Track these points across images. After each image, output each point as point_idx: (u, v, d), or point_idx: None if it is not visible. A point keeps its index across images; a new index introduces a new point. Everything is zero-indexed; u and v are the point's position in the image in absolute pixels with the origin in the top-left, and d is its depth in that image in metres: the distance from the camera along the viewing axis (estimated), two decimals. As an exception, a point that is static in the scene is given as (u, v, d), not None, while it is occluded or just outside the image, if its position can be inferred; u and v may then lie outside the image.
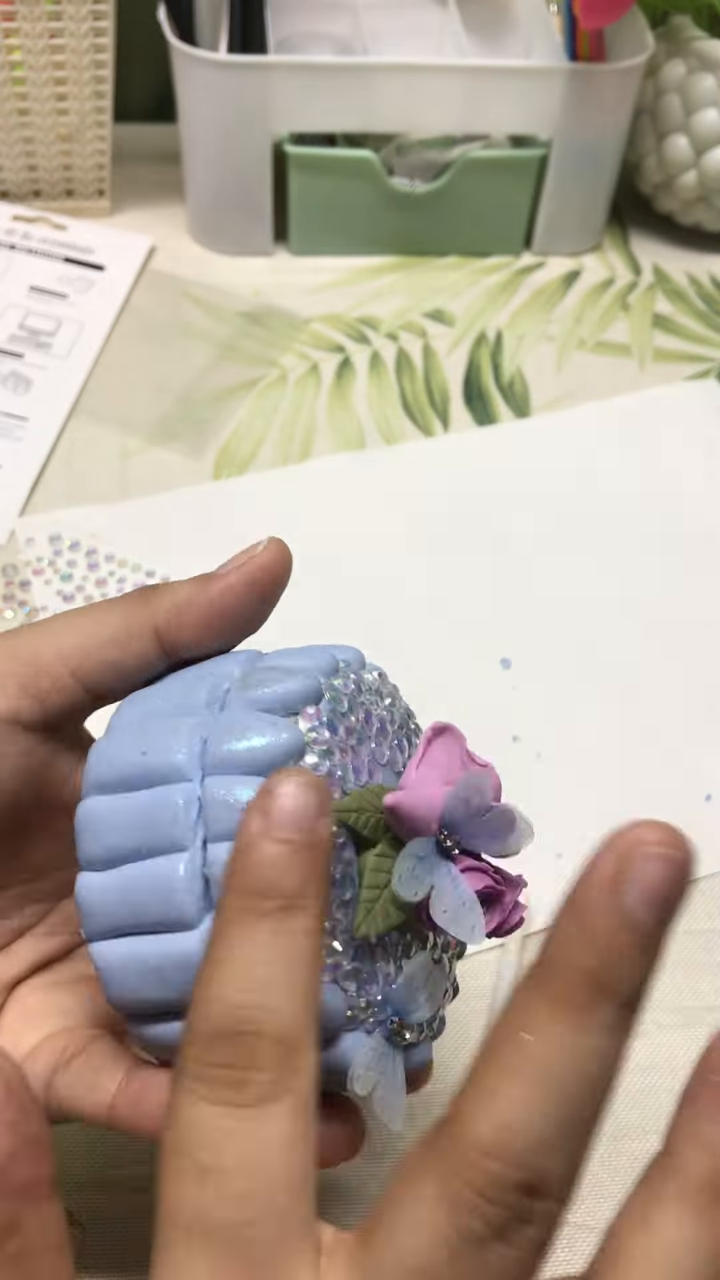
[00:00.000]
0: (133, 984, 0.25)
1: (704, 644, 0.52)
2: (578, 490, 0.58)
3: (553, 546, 0.56)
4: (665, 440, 0.61)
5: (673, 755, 0.48)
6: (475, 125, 0.66)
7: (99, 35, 0.63)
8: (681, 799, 0.47)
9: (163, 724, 0.26)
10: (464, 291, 0.68)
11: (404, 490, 0.58)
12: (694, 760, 0.48)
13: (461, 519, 0.57)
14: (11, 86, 0.64)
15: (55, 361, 0.62)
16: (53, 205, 0.70)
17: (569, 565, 0.55)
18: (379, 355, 0.64)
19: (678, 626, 0.53)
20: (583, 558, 0.55)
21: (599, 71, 0.63)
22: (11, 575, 0.52)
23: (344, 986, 0.26)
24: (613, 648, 0.52)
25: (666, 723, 0.50)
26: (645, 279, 0.70)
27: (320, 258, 0.69)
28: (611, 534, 0.57)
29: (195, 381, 0.62)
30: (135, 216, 0.71)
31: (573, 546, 0.56)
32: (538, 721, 0.49)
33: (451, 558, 0.55)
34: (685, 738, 0.49)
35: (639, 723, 0.49)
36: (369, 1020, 0.26)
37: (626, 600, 0.54)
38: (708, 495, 0.59)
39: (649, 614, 0.53)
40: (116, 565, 0.53)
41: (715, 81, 0.65)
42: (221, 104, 0.62)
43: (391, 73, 0.62)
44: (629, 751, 0.49)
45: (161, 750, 0.25)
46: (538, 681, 0.50)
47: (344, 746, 0.27)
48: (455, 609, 0.53)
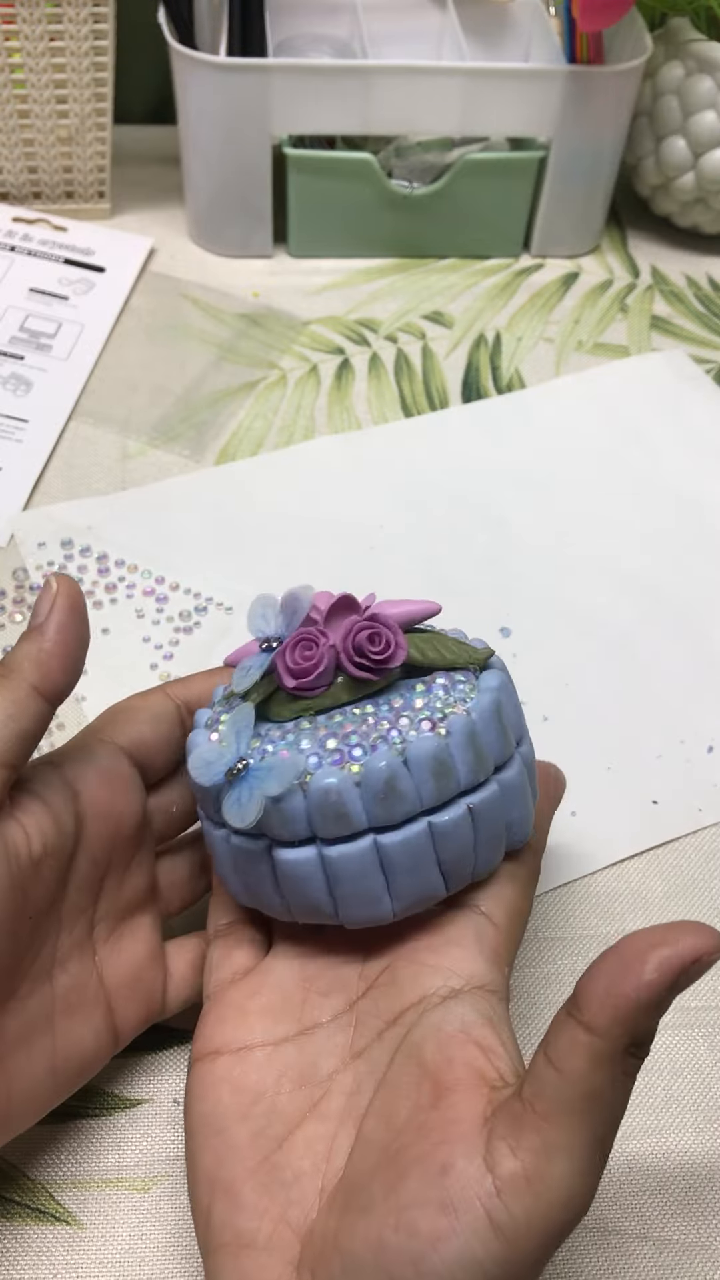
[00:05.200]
0: None
1: (694, 600, 0.54)
2: (562, 459, 0.60)
3: (542, 515, 0.57)
4: (639, 408, 0.63)
5: (672, 708, 0.50)
6: (474, 128, 0.66)
7: (99, 37, 0.63)
8: (684, 750, 0.49)
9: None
10: (463, 293, 0.69)
11: (395, 466, 0.59)
12: (692, 713, 0.50)
13: (453, 492, 0.58)
14: (11, 88, 0.65)
15: (55, 363, 0.62)
16: (53, 207, 0.70)
17: (559, 533, 0.57)
18: (378, 357, 0.65)
19: (667, 585, 0.55)
20: (571, 525, 0.57)
21: (598, 74, 0.63)
22: (22, 579, 0.52)
23: None
24: (608, 610, 0.54)
25: (663, 677, 0.51)
26: (643, 281, 0.71)
27: (319, 260, 0.70)
28: (596, 499, 0.59)
29: (195, 383, 0.62)
30: (135, 218, 0.71)
31: (561, 514, 0.58)
32: (541, 686, 0.50)
33: (446, 531, 0.56)
34: (682, 691, 0.51)
35: (638, 680, 0.51)
36: None
37: (617, 563, 0.56)
38: (681, 458, 0.61)
39: (639, 574, 0.55)
40: (127, 570, 0.53)
41: (714, 84, 0.65)
42: (221, 106, 0.62)
43: (391, 75, 0.62)
44: (630, 708, 0.50)
45: None
46: (538, 648, 0.52)
47: None
48: (454, 582, 0.54)
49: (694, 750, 0.49)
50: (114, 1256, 0.35)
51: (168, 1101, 0.38)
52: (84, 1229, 0.36)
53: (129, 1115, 0.38)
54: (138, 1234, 0.36)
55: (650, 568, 0.55)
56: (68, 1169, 0.37)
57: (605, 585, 0.55)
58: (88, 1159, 0.37)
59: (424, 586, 0.54)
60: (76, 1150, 0.37)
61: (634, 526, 0.57)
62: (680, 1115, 0.39)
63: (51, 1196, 0.36)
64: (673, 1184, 0.38)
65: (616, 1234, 0.37)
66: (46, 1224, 0.36)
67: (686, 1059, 0.41)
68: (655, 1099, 0.39)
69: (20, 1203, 0.36)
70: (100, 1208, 0.36)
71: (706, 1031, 0.41)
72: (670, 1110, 0.39)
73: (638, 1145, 0.38)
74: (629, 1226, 0.37)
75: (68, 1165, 0.37)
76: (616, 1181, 0.38)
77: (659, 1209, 0.37)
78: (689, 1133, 0.39)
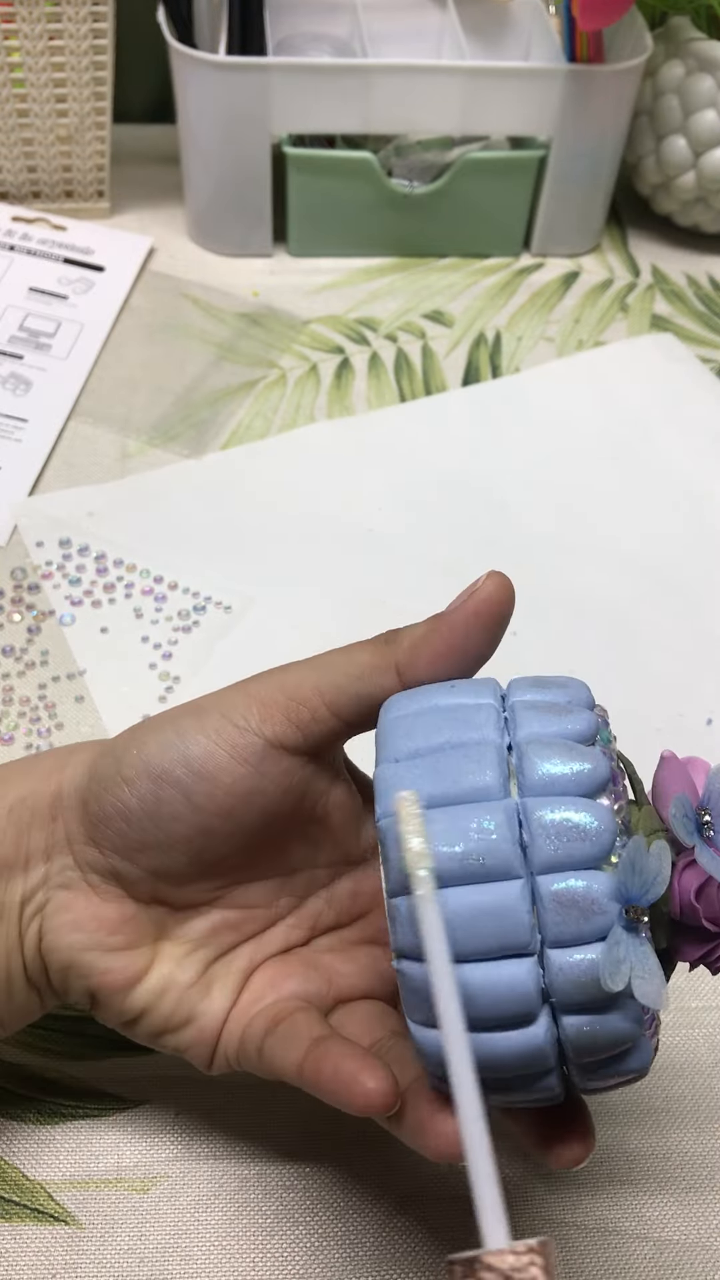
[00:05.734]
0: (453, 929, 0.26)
1: (691, 577, 0.55)
2: (558, 440, 0.61)
3: (539, 495, 0.58)
4: (630, 388, 0.64)
5: (670, 682, 0.51)
6: (474, 126, 0.66)
7: (98, 36, 0.63)
8: (683, 723, 0.49)
9: (461, 759, 0.28)
10: (463, 292, 0.69)
11: (393, 450, 0.60)
12: (691, 686, 0.51)
13: (450, 474, 0.59)
14: (11, 88, 0.64)
15: (55, 363, 0.62)
16: (52, 206, 0.70)
17: (557, 512, 0.58)
18: (378, 356, 0.64)
19: (664, 562, 0.56)
20: (568, 504, 0.58)
21: (598, 73, 0.63)
22: (20, 579, 0.52)
23: None
24: (606, 587, 0.55)
25: (661, 652, 0.52)
26: (644, 280, 0.70)
27: (319, 259, 0.70)
28: (591, 479, 0.59)
29: (195, 383, 0.62)
30: (135, 217, 0.71)
31: (557, 494, 0.59)
32: (541, 664, 0.50)
33: (444, 513, 0.57)
34: (680, 665, 0.52)
35: (636, 655, 0.52)
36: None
37: (614, 542, 0.57)
38: (674, 437, 0.62)
39: (634, 551, 0.56)
40: (125, 570, 0.53)
41: (714, 83, 0.65)
42: (221, 105, 0.62)
43: (390, 74, 0.62)
44: (630, 682, 0.51)
45: (470, 775, 0.27)
46: (538, 626, 0.52)
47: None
48: (452, 562, 0.55)
49: (693, 722, 0.49)
50: (113, 1257, 0.35)
51: (168, 1102, 0.38)
52: (83, 1229, 0.36)
53: (129, 1115, 0.38)
54: (137, 1234, 0.36)
55: (647, 545, 0.56)
56: (67, 1169, 0.37)
57: (603, 563, 0.55)
58: (87, 1159, 0.37)
59: (422, 568, 0.54)
60: (76, 1150, 0.37)
61: (630, 505, 0.58)
62: (680, 1115, 0.39)
63: (51, 1197, 0.36)
64: (673, 1184, 0.38)
65: (616, 1234, 0.37)
66: (46, 1224, 0.36)
67: (686, 1059, 0.40)
68: (655, 1099, 0.39)
69: (20, 1203, 0.36)
70: (99, 1208, 0.36)
71: (707, 1031, 0.41)
72: (670, 1110, 0.39)
73: (638, 1145, 0.38)
74: (629, 1226, 0.37)
75: (67, 1165, 0.37)
76: (616, 1181, 0.38)
77: (659, 1209, 0.37)
78: (689, 1133, 0.39)
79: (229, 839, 0.32)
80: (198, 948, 0.33)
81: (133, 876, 0.32)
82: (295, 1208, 0.37)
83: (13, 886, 0.32)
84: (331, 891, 0.35)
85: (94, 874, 0.32)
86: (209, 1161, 0.37)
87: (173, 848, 0.31)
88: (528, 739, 0.28)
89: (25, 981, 0.33)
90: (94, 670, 0.49)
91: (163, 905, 0.33)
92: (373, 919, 0.35)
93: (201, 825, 0.31)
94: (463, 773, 0.27)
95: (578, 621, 0.53)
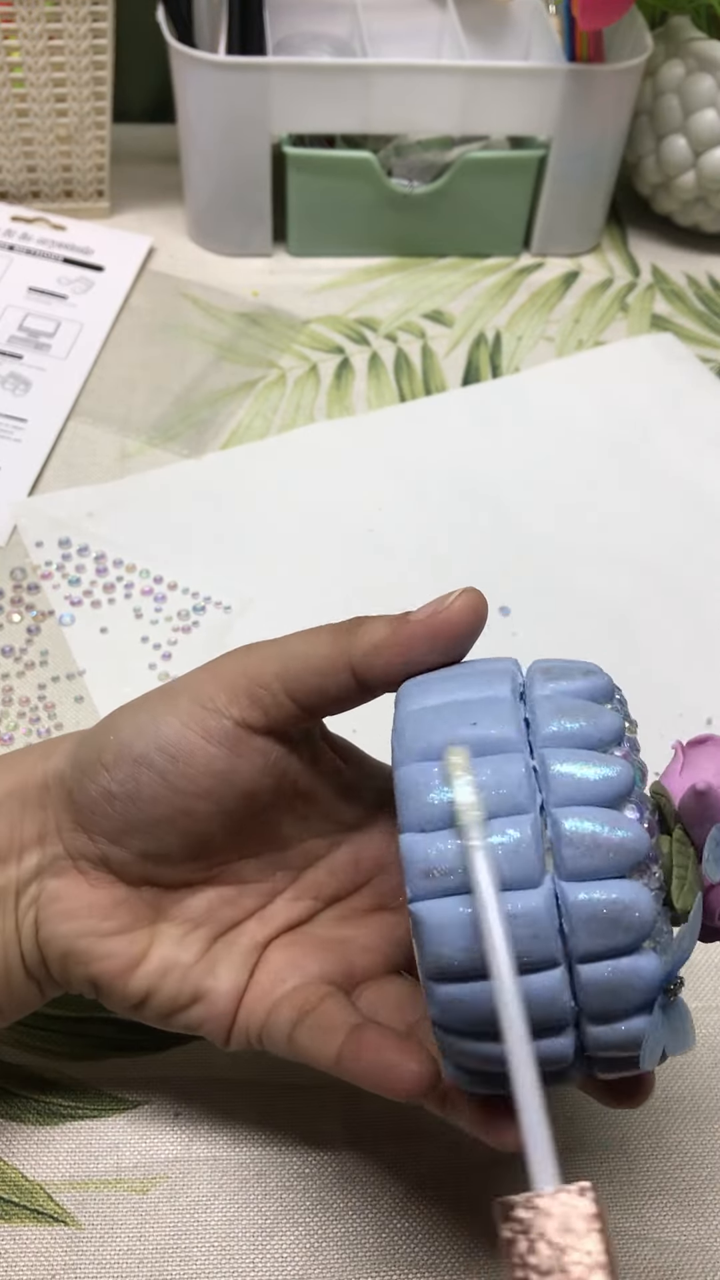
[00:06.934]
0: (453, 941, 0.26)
1: (690, 576, 0.55)
2: (557, 440, 0.61)
3: (539, 494, 0.58)
4: (629, 387, 0.64)
5: (670, 683, 0.51)
6: (474, 126, 0.66)
7: (98, 36, 0.63)
8: (682, 723, 0.50)
9: (482, 706, 0.28)
10: (463, 292, 0.69)
11: (393, 449, 0.60)
12: (690, 687, 0.51)
13: (450, 473, 0.59)
14: (11, 87, 0.64)
15: (54, 363, 0.62)
16: (52, 206, 0.70)
17: (557, 511, 0.58)
18: (378, 356, 0.64)
19: (663, 561, 0.56)
20: (567, 503, 0.58)
21: (598, 72, 0.63)
22: (20, 579, 0.52)
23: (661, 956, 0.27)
24: (606, 587, 0.55)
25: (661, 652, 0.52)
26: (644, 279, 0.70)
27: (319, 259, 0.70)
28: (590, 478, 0.59)
29: (194, 382, 0.62)
30: (134, 217, 0.71)
31: (557, 493, 0.59)
32: None
33: (444, 511, 0.57)
34: (680, 664, 0.52)
35: (635, 654, 0.52)
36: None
37: (613, 540, 0.57)
38: (673, 436, 0.62)
39: (634, 551, 0.56)
40: (125, 570, 0.53)
41: (714, 82, 0.65)
42: (220, 105, 0.62)
43: (390, 74, 0.62)
44: (629, 683, 0.51)
45: (493, 725, 0.27)
46: (537, 625, 0.52)
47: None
48: (452, 561, 0.55)
49: (693, 723, 0.49)
50: (113, 1257, 0.35)
51: (167, 1102, 0.38)
52: (83, 1230, 0.36)
53: (128, 1116, 0.38)
54: (136, 1235, 0.36)
55: (647, 545, 0.56)
56: (67, 1170, 0.37)
57: (603, 563, 0.55)
58: (87, 1160, 0.37)
59: (422, 566, 0.54)
60: (75, 1151, 0.37)
61: (629, 504, 0.58)
62: (680, 1115, 0.39)
63: (51, 1197, 0.36)
64: (673, 1184, 0.38)
65: (616, 1234, 0.37)
66: (45, 1225, 0.36)
67: (686, 1059, 0.40)
68: (655, 1099, 0.39)
69: (19, 1203, 0.36)
70: (99, 1209, 0.36)
71: (707, 1032, 0.41)
72: (670, 1110, 0.39)
73: (638, 1144, 0.38)
74: (629, 1227, 0.37)
75: (67, 1166, 0.37)
76: (616, 1181, 0.38)
77: (659, 1209, 0.37)
78: (689, 1133, 0.39)
79: (212, 818, 0.32)
80: (196, 927, 0.33)
81: (123, 860, 0.32)
82: (295, 1208, 0.37)
83: (8, 878, 0.33)
84: (332, 861, 0.35)
85: (84, 860, 0.33)
86: (209, 1162, 0.37)
87: (158, 828, 0.32)
88: (559, 804, 0.27)
89: (24, 973, 0.33)
90: (93, 670, 0.49)
91: (156, 887, 0.33)
92: (377, 884, 0.35)
93: (183, 806, 0.32)
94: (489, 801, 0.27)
95: (577, 621, 0.53)
